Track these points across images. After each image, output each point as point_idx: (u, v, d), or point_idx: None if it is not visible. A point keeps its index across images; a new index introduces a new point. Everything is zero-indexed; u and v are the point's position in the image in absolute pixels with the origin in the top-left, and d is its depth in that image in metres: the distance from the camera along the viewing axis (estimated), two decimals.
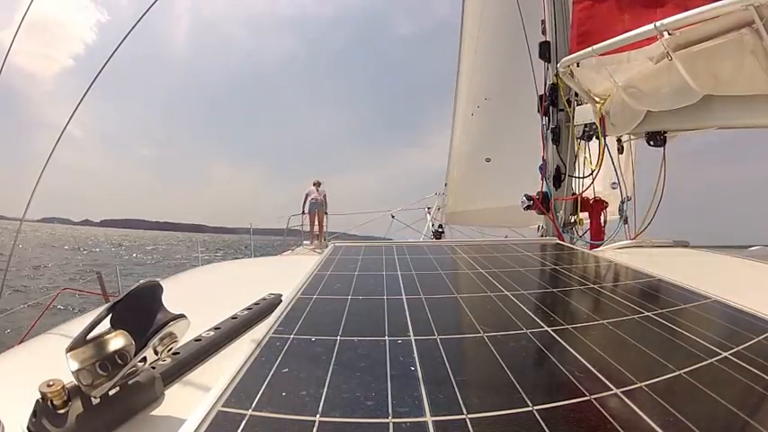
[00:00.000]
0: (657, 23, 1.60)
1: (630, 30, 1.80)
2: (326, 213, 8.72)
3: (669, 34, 1.60)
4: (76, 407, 0.59)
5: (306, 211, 8.50)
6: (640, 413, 0.55)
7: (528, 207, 2.96)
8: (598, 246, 2.53)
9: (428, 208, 6.74)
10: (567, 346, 0.77)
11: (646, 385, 0.63)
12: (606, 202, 2.77)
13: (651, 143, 2.33)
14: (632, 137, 2.57)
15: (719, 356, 0.72)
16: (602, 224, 2.76)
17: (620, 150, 2.59)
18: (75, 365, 0.59)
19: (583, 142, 2.77)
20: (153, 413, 0.68)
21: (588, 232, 2.82)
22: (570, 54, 2.36)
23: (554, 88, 2.87)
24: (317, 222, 8.42)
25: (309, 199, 8.45)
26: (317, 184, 8.70)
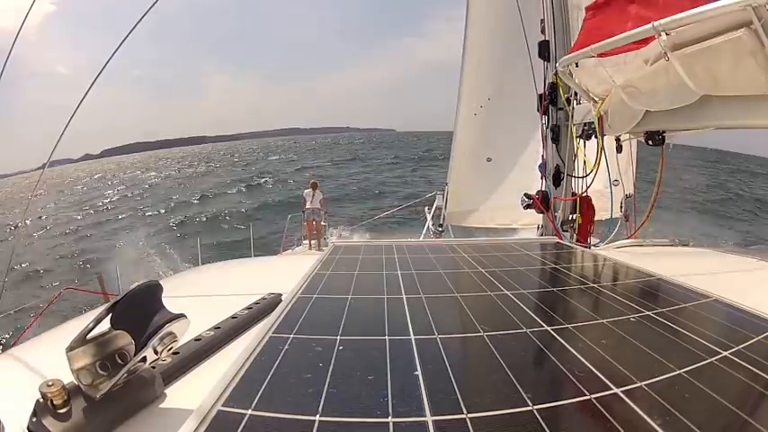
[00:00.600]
0: (655, 23, 1.60)
1: (628, 29, 1.80)
2: (326, 213, 8.72)
3: (667, 34, 1.60)
4: (77, 406, 0.59)
5: (305, 218, 8.51)
6: (640, 413, 0.55)
7: (527, 206, 2.96)
8: (590, 246, 2.53)
9: (428, 207, 6.73)
10: (567, 346, 0.78)
11: (646, 385, 0.63)
12: (591, 201, 2.77)
13: (650, 143, 2.33)
14: (631, 136, 2.57)
15: (719, 356, 0.73)
16: (591, 223, 2.76)
17: (619, 150, 2.59)
18: (75, 365, 0.59)
19: (582, 141, 2.77)
20: (153, 412, 0.67)
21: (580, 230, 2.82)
22: (569, 54, 2.36)
23: (553, 87, 2.88)
24: (314, 228, 8.41)
25: (306, 207, 8.42)
26: (314, 187, 8.66)
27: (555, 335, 0.83)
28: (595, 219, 2.83)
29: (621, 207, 2.67)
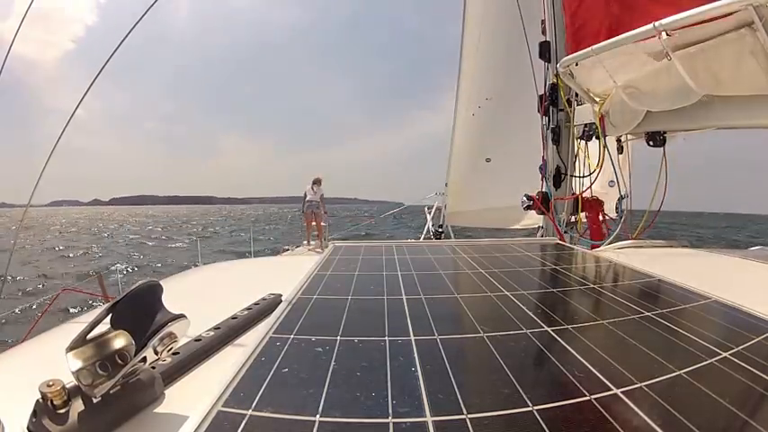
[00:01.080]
0: (656, 23, 1.60)
1: (628, 27, 1.80)
2: (326, 213, 8.66)
3: (668, 34, 1.60)
4: (77, 407, 0.59)
5: (304, 210, 8.42)
6: (640, 413, 0.55)
7: (528, 207, 2.96)
8: (599, 245, 2.53)
9: (428, 208, 6.74)
10: (567, 347, 0.77)
11: (646, 385, 0.63)
12: (602, 201, 2.77)
13: (651, 143, 2.33)
14: (632, 137, 2.57)
15: (719, 356, 0.73)
16: (603, 223, 2.76)
17: (620, 150, 2.59)
18: (75, 365, 0.59)
19: (583, 142, 2.77)
20: (153, 413, 0.67)
21: (588, 231, 2.82)
22: (569, 54, 2.36)
23: (554, 88, 2.87)
24: (314, 224, 8.35)
25: (306, 200, 8.34)
26: (317, 182, 8.58)
27: (555, 336, 0.83)
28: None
29: (618, 208, 2.67)
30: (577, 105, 2.78)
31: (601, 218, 2.76)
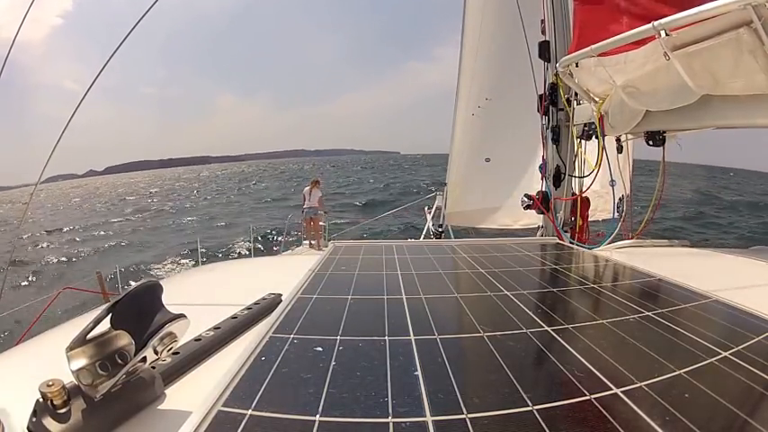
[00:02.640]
0: (655, 23, 1.60)
1: (628, 29, 1.80)
2: (325, 213, 8.69)
3: (667, 34, 1.60)
4: (77, 406, 0.59)
5: (302, 214, 8.49)
6: (640, 413, 0.55)
7: (528, 207, 2.96)
8: (591, 247, 2.54)
9: (428, 207, 6.73)
10: (567, 346, 0.77)
11: (646, 385, 0.63)
12: (589, 202, 2.77)
13: (650, 143, 2.33)
14: (631, 136, 2.57)
15: (719, 356, 0.73)
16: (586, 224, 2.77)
17: (619, 150, 2.59)
18: (75, 365, 0.59)
19: (583, 142, 2.77)
20: (153, 413, 0.67)
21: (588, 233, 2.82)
22: (569, 54, 2.36)
23: (554, 88, 2.87)
24: (312, 227, 8.39)
25: (305, 206, 8.39)
26: (314, 185, 8.62)
27: (555, 335, 0.83)
28: (596, 219, 2.83)
29: (618, 208, 2.67)
30: (577, 105, 2.78)
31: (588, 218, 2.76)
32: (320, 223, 8.46)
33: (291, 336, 0.82)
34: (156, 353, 0.64)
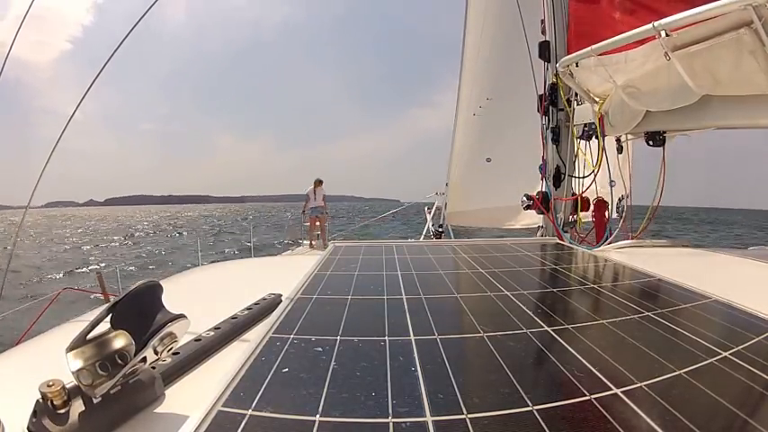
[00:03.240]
0: (656, 23, 1.60)
1: (628, 29, 1.80)
2: (327, 213, 8.76)
3: (667, 34, 1.60)
4: (77, 407, 0.59)
5: (305, 212, 8.57)
6: (640, 413, 0.55)
7: (528, 207, 2.96)
8: (590, 248, 2.54)
9: (428, 208, 6.73)
10: (567, 346, 0.77)
11: (646, 385, 0.63)
12: (607, 203, 2.77)
13: (650, 143, 2.33)
14: (631, 136, 2.57)
15: (719, 356, 0.73)
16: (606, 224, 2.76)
17: (619, 150, 2.59)
18: (75, 365, 0.59)
19: (583, 142, 2.77)
20: (153, 413, 0.67)
21: (589, 233, 2.82)
22: (569, 54, 2.36)
23: (554, 88, 2.87)
24: (317, 226, 8.48)
25: (311, 205, 8.50)
26: (318, 184, 8.70)
27: (555, 335, 0.83)
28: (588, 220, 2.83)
29: (618, 208, 2.67)
30: (577, 105, 2.78)
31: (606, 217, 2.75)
32: (325, 222, 8.57)
33: (291, 336, 0.82)
34: (156, 353, 0.64)
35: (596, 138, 2.52)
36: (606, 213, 2.75)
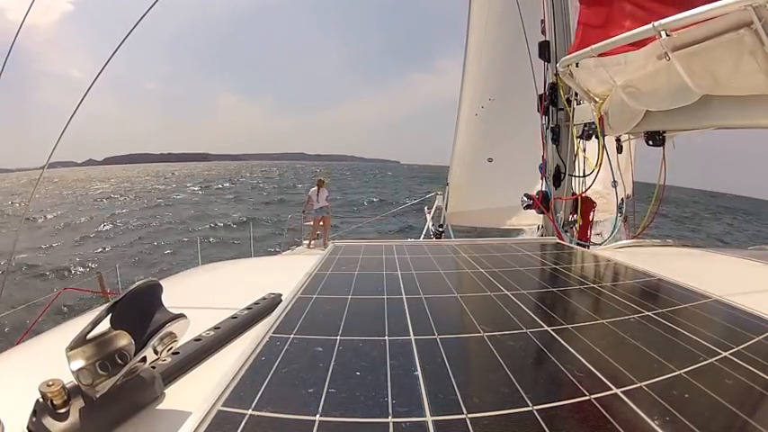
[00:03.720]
0: (656, 23, 1.60)
1: (629, 30, 1.80)
2: (331, 213, 8.82)
3: (668, 35, 1.60)
4: (76, 406, 0.59)
5: (305, 211, 8.61)
6: (640, 413, 0.55)
7: (528, 206, 2.96)
8: (588, 245, 2.53)
9: (428, 208, 6.74)
10: (567, 346, 0.77)
11: (646, 385, 0.63)
12: (595, 203, 2.77)
13: (650, 143, 2.33)
14: (631, 136, 2.57)
15: (719, 356, 0.73)
16: (590, 223, 2.76)
17: (619, 150, 2.58)
18: (75, 365, 0.59)
19: (582, 142, 2.77)
20: (153, 413, 0.67)
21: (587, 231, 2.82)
22: (569, 54, 2.36)
23: (554, 88, 2.87)
24: (321, 226, 8.51)
25: (315, 207, 8.53)
26: (321, 185, 8.74)
27: (555, 335, 0.83)
28: (597, 220, 2.83)
29: (621, 208, 2.67)
30: (577, 105, 2.78)
31: (591, 218, 2.75)
32: (329, 222, 8.62)
33: (291, 336, 0.82)
34: (155, 353, 0.64)
35: (596, 138, 2.52)
36: (592, 213, 2.75)
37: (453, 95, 5.87)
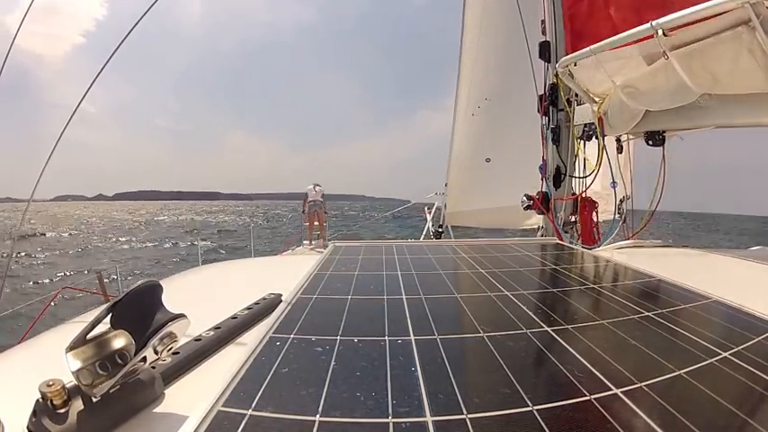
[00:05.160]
0: (654, 22, 1.60)
1: (625, 27, 1.80)
2: (326, 213, 8.84)
3: (666, 34, 1.60)
4: (76, 406, 0.59)
5: (306, 211, 8.64)
6: (640, 413, 0.55)
7: (528, 207, 2.96)
8: (591, 248, 2.54)
9: (428, 208, 6.74)
10: (567, 346, 0.77)
11: (646, 385, 0.63)
12: (596, 202, 2.78)
13: (650, 143, 2.33)
14: (631, 136, 2.57)
15: (719, 356, 0.73)
16: (595, 224, 2.76)
17: (619, 150, 2.59)
18: (75, 365, 0.59)
19: (583, 142, 2.78)
20: (153, 413, 0.67)
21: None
22: (568, 54, 2.36)
23: (554, 88, 2.87)
24: (316, 222, 8.54)
25: (309, 200, 8.58)
26: (317, 184, 8.85)
27: (555, 335, 0.83)
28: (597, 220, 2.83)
29: (620, 208, 2.68)
30: (577, 105, 2.78)
31: (594, 219, 2.75)
32: (324, 221, 8.64)
33: (291, 336, 0.82)
34: (156, 353, 0.64)
35: (596, 138, 2.52)
36: (594, 213, 2.75)
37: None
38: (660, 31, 1.59)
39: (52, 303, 4.03)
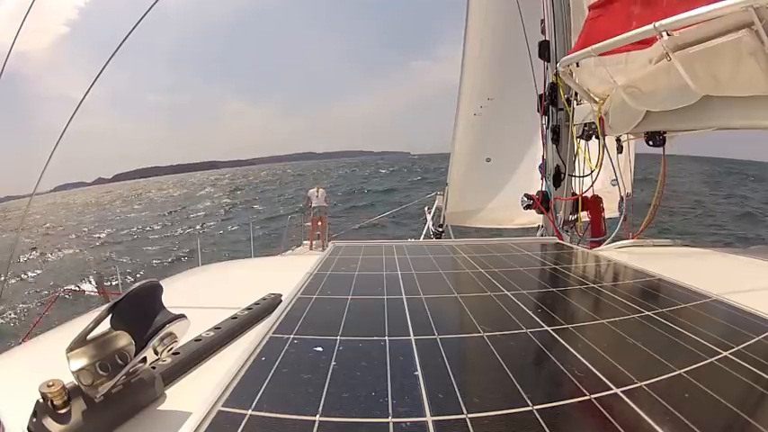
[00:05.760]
0: (657, 24, 1.60)
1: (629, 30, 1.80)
2: (328, 214, 8.94)
3: (668, 35, 1.60)
4: (77, 407, 0.59)
5: (310, 214, 8.76)
6: (641, 413, 0.55)
7: (528, 206, 2.96)
8: (599, 244, 2.53)
9: (428, 208, 6.74)
10: (568, 346, 0.77)
11: (646, 385, 0.63)
12: (601, 198, 2.78)
13: (650, 143, 2.33)
14: (631, 137, 2.57)
15: (720, 356, 0.73)
16: (603, 221, 2.77)
17: (620, 150, 2.59)
18: (75, 365, 0.59)
19: (583, 142, 2.77)
20: (153, 413, 0.68)
21: (588, 231, 2.82)
22: (570, 54, 2.36)
23: (554, 88, 2.87)
24: (319, 226, 8.62)
25: (313, 205, 8.68)
26: (319, 188, 8.98)
27: (555, 335, 0.83)
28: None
29: (620, 207, 2.68)
30: (577, 105, 2.78)
31: (602, 214, 2.76)
32: (326, 222, 8.74)
33: (291, 336, 0.82)
34: (156, 353, 0.64)
35: (596, 138, 2.52)
36: (602, 209, 2.76)
37: (451, 80, 5.79)
38: (664, 33, 1.59)
39: (52, 304, 4.04)
